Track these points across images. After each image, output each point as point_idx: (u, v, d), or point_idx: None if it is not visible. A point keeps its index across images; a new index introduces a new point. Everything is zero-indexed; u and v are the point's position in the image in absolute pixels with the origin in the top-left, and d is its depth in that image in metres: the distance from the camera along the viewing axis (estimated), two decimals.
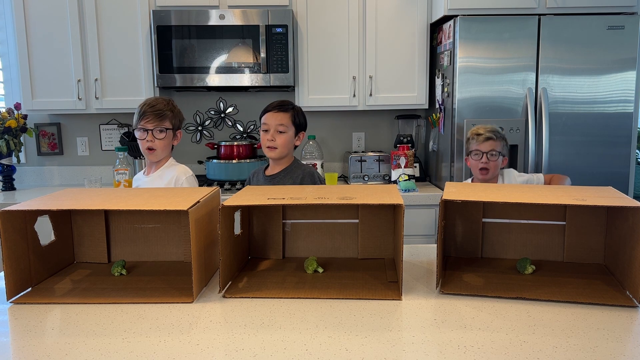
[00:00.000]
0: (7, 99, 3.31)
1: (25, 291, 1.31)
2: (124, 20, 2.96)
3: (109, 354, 0.98)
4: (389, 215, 1.54)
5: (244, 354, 0.97)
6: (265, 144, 1.94)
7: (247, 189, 1.54)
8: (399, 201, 1.25)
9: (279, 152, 1.93)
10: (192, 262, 1.23)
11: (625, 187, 2.73)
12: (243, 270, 1.46)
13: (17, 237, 1.29)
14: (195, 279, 1.25)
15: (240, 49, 2.91)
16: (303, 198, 1.32)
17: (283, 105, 1.95)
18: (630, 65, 2.66)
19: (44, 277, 1.40)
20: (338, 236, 1.56)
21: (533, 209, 1.51)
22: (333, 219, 1.56)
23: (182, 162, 3.38)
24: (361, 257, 1.56)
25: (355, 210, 1.56)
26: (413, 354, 0.96)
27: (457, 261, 1.51)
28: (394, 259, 1.53)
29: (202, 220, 1.33)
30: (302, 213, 1.57)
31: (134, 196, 1.39)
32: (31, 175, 3.39)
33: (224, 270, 1.30)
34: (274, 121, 1.92)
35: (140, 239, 1.55)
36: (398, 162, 2.96)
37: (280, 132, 1.92)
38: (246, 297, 1.26)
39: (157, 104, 1.86)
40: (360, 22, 3.02)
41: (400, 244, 1.28)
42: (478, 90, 2.68)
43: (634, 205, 1.18)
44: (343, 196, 1.33)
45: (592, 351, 0.96)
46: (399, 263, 1.34)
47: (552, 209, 1.50)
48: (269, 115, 1.93)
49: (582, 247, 1.49)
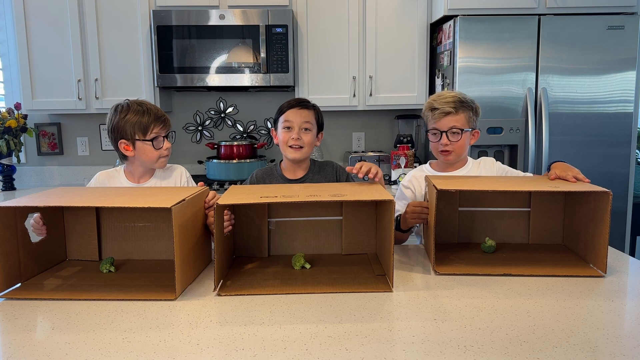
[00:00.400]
0: (7, 99, 3.30)
1: (15, 287, 1.33)
2: (124, 20, 2.96)
3: (109, 353, 0.98)
4: (371, 211, 1.58)
5: (244, 354, 0.97)
6: (288, 142, 1.75)
7: (235, 188, 1.55)
8: (389, 197, 1.30)
9: (305, 152, 1.77)
10: (175, 259, 1.25)
11: (625, 187, 2.73)
12: (231, 268, 1.48)
13: (6, 233, 1.31)
14: (178, 277, 1.26)
15: (240, 49, 2.91)
16: (295, 196, 1.35)
17: (306, 103, 1.80)
18: (630, 65, 2.66)
19: (35, 274, 1.43)
20: (322, 233, 1.59)
21: (502, 197, 1.68)
22: (317, 217, 1.59)
23: (182, 162, 3.41)
24: (345, 252, 1.59)
25: (339, 207, 1.59)
26: (413, 354, 0.96)
27: (439, 247, 1.60)
28: (376, 253, 1.57)
29: (188, 218, 1.34)
30: (286, 211, 1.59)
31: (122, 195, 1.42)
32: (31, 175, 3.39)
33: (218, 269, 1.31)
34: (300, 118, 1.75)
35: (130, 237, 1.58)
36: (398, 162, 2.96)
37: (307, 129, 1.76)
38: (241, 295, 1.27)
39: (158, 110, 1.70)
40: (360, 22, 3.02)
41: (389, 238, 1.30)
42: (478, 90, 2.68)
43: (597, 189, 1.37)
44: (334, 193, 1.35)
45: (592, 351, 0.96)
46: (386, 256, 1.36)
47: (519, 197, 1.68)
48: (292, 112, 1.76)
49: (544, 230, 1.67)
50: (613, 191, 1.38)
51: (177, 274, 1.26)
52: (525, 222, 1.68)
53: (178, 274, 1.26)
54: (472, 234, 1.69)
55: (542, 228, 1.67)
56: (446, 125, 1.71)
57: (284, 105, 1.80)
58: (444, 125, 1.71)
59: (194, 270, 1.40)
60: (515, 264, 1.46)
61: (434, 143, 1.76)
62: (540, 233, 1.67)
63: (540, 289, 1.29)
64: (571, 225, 1.61)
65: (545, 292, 1.27)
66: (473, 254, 1.57)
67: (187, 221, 1.33)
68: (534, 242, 1.68)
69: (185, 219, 1.33)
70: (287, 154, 1.77)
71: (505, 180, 1.62)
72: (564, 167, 1.58)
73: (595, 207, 1.42)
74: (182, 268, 1.28)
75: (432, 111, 1.74)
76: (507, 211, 1.68)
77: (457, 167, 1.80)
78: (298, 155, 1.75)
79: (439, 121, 1.72)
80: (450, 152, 1.73)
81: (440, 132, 1.72)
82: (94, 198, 1.35)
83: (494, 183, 1.54)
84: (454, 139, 1.71)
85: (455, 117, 1.71)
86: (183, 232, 1.30)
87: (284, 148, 1.77)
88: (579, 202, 1.53)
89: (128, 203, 1.29)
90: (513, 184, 1.49)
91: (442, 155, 1.75)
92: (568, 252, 1.58)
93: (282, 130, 1.77)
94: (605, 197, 1.36)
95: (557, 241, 1.67)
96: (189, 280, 1.35)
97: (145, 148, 1.66)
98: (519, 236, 1.68)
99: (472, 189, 1.47)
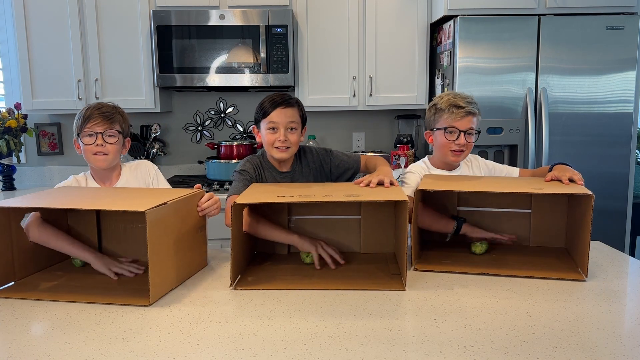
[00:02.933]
0: (7, 99, 3.30)
1: (7, 285, 1.36)
2: (124, 20, 2.96)
3: (109, 353, 0.98)
4: (390, 211, 1.60)
5: (244, 354, 0.97)
6: (274, 144, 1.69)
7: (255, 186, 1.58)
8: (404, 198, 1.31)
9: (292, 152, 1.73)
10: (149, 263, 1.22)
11: (625, 187, 2.72)
12: (250, 264, 1.52)
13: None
14: (152, 282, 1.23)
15: (240, 49, 2.91)
16: (312, 195, 1.39)
17: (289, 100, 1.72)
18: (630, 65, 2.66)
19: (30, 273, 1.45)
20: (341, 232, 1.62)
21: (502, 198, 1.67)
22: (336, 215, 1.62)
23: (182, 162, 3.41)
24: (364, 251, 1.63)
25: (358, 207, 1.62)
26: (413, 354, 0.96)
27: (434, 244, 1.64)
28: (395, 253, 1.58)
29: (170, 221, 1.32)
30: (307, 210, 1.62)
31: (106, 197, 1.42)
32: (31, 175, 3.39)
33: (234, 265, 1.34)
34: (285, 119, 1.69)
35: (130, 238, 1.59)
36: (398, 162, 2.96)
37: (293, 129, 1.70)
38: (256, 290, 1.31)
39: (104, 106, 1.66)
40: (360, 22, 3.02)
41: (404, 238, 1.34)
42: (478, 90, 2.68)
43: (577, 192, 1.36)
44: (349, 193, 1.38)
45: (592, 351, 0.96)
46: (401, 256, 1.38)
47: (519, 198, 1.67)
48: (277, 113, 1.69)
49: (545, 232, 1.65)
50: (613, 191, 1.38)
51: (152, 280, 1.22)
52: (527, 224, 1.67)
53: (153, 280, 1.23)
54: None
55: (543, 230, 1.66)
56: (465, 126, 1.68)
57: (266, 105, 1.72)
58: (464, 125, 1.68)
59: (178, 274, 1.37)
60: (499, 265, 1.46)
61: (447, 142, 1.69)
62: (542, 235, 1.66)
63: (540, 289, 1.29)
64: (570, 228, 1.60)
65: (545, 292, 1.27)
66: (462, 253, 1.58)
67: (169, 224, 1.32)
68: (535, 244, 1.66)
69: (167, 223, 1.31)
70: (273, 155, 1.72)
71: (491, 181, 1.62)
72: (562, 168, 1.57)
73: (583, 211, 1.41)
74: (158, 273, 1.25)
75: (455, 108, 1.68)
76: (508, 212, 1.68)
77: (455, 167, 1.80)
78: (285, 156, 1.71)
79: (459, 120, 1.68)
80: (462, 153, 1.71)
81: (459, 132, 1.67)
82: (75, 200, 1.36)
83: (481, 184, 1.54)
84: (470, 140, 1.70)
85: (474, 119, 1.71)
86: (162, 236, 1.28)
87: (270, 149, 1.72)
88: (578, 204, 1.52)
89: (101, 206, 1.29)
90: (499, 185, 1.50)
91: (454, 155, 1.71)
92: (562, 255, 1.56)
93: (266, 131, 1.71)
94: (587, 200, 1.34)
95: (559, 244, 1.65)
96: (168, 284, 1.32)
97: (81, 144, 1.62)
98: (519, 238, 1.67)
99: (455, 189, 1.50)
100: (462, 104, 1.68)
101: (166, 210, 1.30)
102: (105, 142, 1.60)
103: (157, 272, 1.25)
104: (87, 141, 1.60)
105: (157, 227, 1.25)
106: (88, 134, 1.60)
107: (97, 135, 1.59)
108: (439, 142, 1.73)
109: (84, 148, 1.61)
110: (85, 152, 1.62)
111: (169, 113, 3.34)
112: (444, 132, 1.69)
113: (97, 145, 1.59)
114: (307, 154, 1.82)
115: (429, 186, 1.48)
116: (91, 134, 1.59)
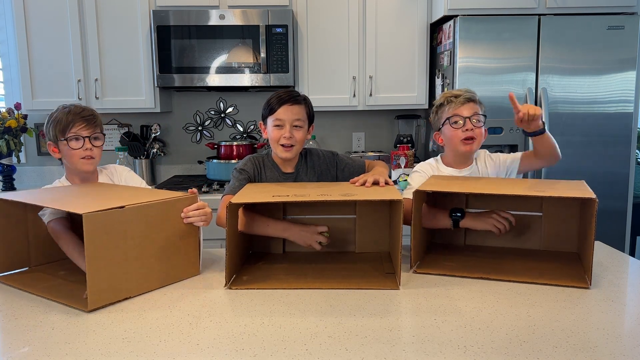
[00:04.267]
0: (7, 99, 3.30)
1: (19, 270, 1.50)
2: (124, 20, 2.96)
3: (109, 353, 0.98)
4: (385, 211, 1.60)
5: (244, 354, 0.97)
6: (279, 141, 1.67)
7: (251, 186, 1.58)
8: (399, 197, 1.32)
9: (296, 150, 1.70)
10: (87, 269, 1.18)
11: (625, 187, 2.72)
12: (245, 264, 1.51)
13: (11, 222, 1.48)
14: (90, 288, 1.18)
15: (240, 49, 2.91)
16: (307, 195, 1.39)
17: (296, 97, 1.70)
18: (630, 65, 2.66)
19: (42, 262, 1.55)
20: (336, 231, 1.61)
21: (511, 200, 1.62)
22: (332, 215, 1.61)
23: (182, 162, 3.41)
24: (359, 250, 1.63)
25: (353, 206, 1.62)
26: (413, 354, 0.96)
27: (440, 247, 1.62)
28: (389, 252, 1.58)
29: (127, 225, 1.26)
30: (301, 209, 1.62)
31: (84, 195, 1.45)
32: (31, 175, 3.39)
33: (229, 265, 1.34)
34: (291, 116, 1.66)
35: None
36: (398, 162, 2.96)
37: (298, 127, 1.68)
38: (251, 289, 1.31)
39: (83, 109, 1.64)
40: (360, 22, 3.02)
41: (399, 237, 1.32)
42: (478, 90, 2.63)
43: (580, 196, 1.31)
44: (344, 193, 1.38)
45: (592, 351, 0.96)
46: (395, 255, 1.38)
47: (529, 201, 1.61)
48: (284, 110, 1.67)
49: (557, 236, 1.60)
50: (613, 191, 1.37)
51: (89, 285, 1.18)
52: (538, 228, 1.61)
53: (91, 286, 1.18)
54: (477, 236, 1.66)
55: (554, 234, 1.60)
56: (468, 112, 1.68)
57: (273, 101, 1.70)
58: (466, 111, 1.68)
59: (140, 283, 1.30)
60: (500, 270, 1.41)
61: (454, 131, 1.68)
62: (553, 239, 1.60)
63: (540, 289, 1.29)
64: (580, 233, 1.54)
65: (545, 292, 1.27)
66: (464, 256, 1.55)
67: (130, 230, 1.26)
68: (545, 248, 1.60)
69: (125, 227, 1.25)
70: (278, 153, 1.71)
71: (492, 182, 1.59)
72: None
73: (589, 216, 1.36)
74: (97, 281, 1.20)
75: (453, 98, 1.71)
76: (516, 215, 1.58)
77: (469, 164, 1.76)
78: (289, 155, 1.70)
79: (460, 107, 1.68)
80: (474, 140, 1.68)
81: (464, 118, 1.67)
82: (60, 198, 1.39)
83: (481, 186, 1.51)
84: (478, 125, 1.69)
85: (475, 106, 1.71)
86: (114, 240, 1.23)
87: (275, 146, 1.71)
88: (587, 209, 1.44)
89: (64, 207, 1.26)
90: (497, 187, 1.48)
91: (465, 144, 1.68)
92: (572, 260, 1.50)
93: (272, 127, 1.70)
94: (591, 204, 1.31)
95: (571, 249, 1.58)
96: (122, 292, 1.26)
97: (65, 148, 1.60)
98: (529, 242, 1.62)
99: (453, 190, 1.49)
100: (457, 92, 1.72)
101: (120, 214, 1.23)
102: (93, 146, 1.61)
103: (101, 279, 1.20)
104: (74, 145, 1.58)
105: (102, 231, 1.20)
106: (74, 138, 1.58)
107: (84, 139, 1.59)
108: (448, 136, 1.72)
109: (70, 152, 1.59)
110: (70, 157, 1.60)
111: (169, 113, 3.34)
112: (449, 123, 1.70)
113: (85, 149, 1.59)
114: (312, 156, 1.80)
115: (429, 187, 1.47)
116: (78, 138, 1.58)
